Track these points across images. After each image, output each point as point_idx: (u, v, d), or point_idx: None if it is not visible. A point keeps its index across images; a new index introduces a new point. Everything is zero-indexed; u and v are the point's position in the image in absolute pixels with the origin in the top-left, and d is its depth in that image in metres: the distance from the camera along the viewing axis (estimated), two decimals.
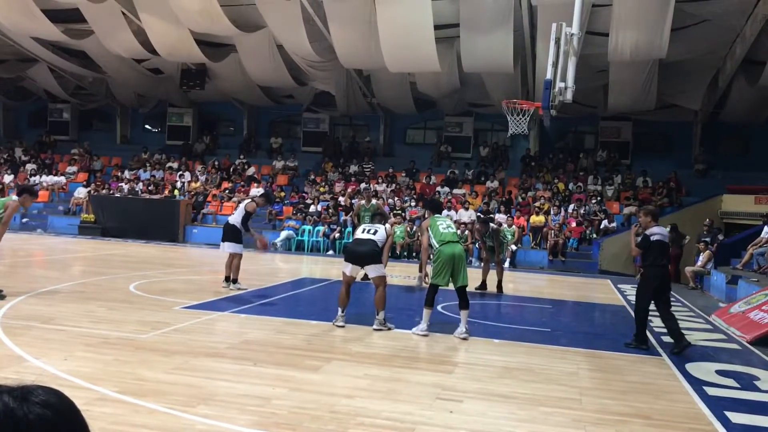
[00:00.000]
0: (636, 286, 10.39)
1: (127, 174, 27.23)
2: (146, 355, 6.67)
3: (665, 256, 8.81)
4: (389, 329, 8.91)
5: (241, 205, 12.22)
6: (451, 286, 8.84)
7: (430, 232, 8.99)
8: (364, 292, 12.13)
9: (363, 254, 9.02)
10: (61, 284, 11.42)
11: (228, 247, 11.83)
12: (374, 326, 8.92)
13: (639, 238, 9.01)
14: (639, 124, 26.15)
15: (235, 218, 11.94)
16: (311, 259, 20.35)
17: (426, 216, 9.78)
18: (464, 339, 8.53)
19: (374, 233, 9.24)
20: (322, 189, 25.56)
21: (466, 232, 20.02)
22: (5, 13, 22.30)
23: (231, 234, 11.84)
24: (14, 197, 10.08)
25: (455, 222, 18.92)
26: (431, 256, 9.05)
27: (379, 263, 9.09)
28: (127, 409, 4.98)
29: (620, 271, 20.41)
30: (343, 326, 8.84)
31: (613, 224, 22.09)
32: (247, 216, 11.87)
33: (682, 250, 19.29)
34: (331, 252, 22.04)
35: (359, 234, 9.39)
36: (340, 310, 9.02)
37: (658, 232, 8.81)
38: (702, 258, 18.04)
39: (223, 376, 6.09)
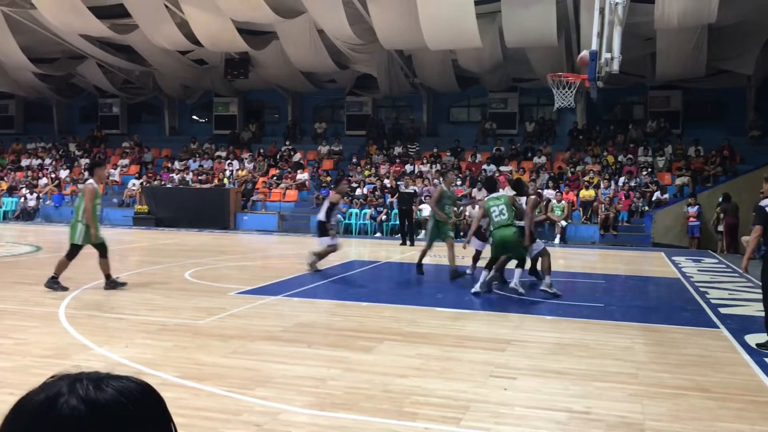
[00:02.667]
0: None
1: (177, 164, 27.76)
2: (204, 341, 6.84)
3: None
4: (555, 294, 9.91)
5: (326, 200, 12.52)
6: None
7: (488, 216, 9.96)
8: (411, 274, 12.18)
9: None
10: (119, 274, 11.75)
11: (319, 242, 12.42)
12: (541, 287, 10.19)
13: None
14: (689, 92, 25.42)
15: (321, 213, 12.31)
16: (359, 241, 20.48)
17: (479, 192, 10.60)
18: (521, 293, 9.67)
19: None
20: (367, 172, 25.62)
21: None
22: (54, 12, 22.86)
23: (319, 230, 12.41)
24: (88, 181, 9.89)
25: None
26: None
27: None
28: (188, 393, 5.13)
29: (674, 243, 20.02)
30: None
31: (666, 196, 21.63)
32: (331, 207, 12.21)
33: (738, 219, 18.80)
34: (378, 234, 22.14)
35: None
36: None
37: None
38: None
39: (279, 359, 6.21)
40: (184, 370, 5.72)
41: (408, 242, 18.89)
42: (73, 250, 9.65)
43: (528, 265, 13.40)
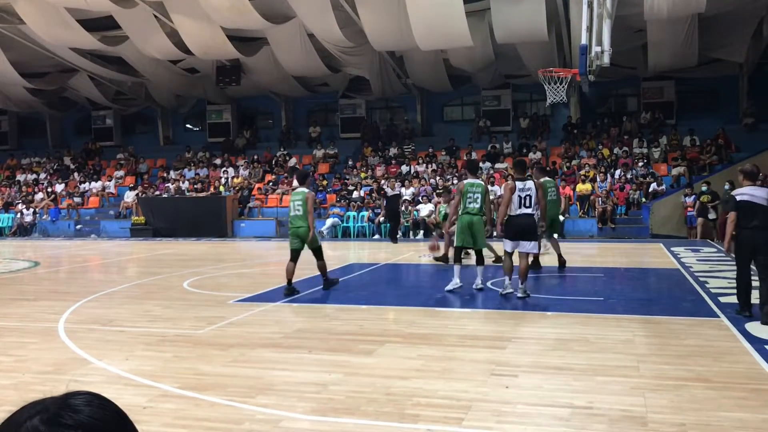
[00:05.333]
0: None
1: (172, 174, 27.73)
2: (204, 350, 6.82)
3: (756, 217, 7.93)
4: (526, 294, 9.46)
5: None
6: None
7: (462, 199, 10.00)
8: (410, 275, 12.18)
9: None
10: (118, 286, 11.75)
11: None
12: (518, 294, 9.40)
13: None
14: (682, 82, 25.48)
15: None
16: (358, 244, 20.47)
17: (463, 178, 10.72)
18: (480, 289, 9.79)
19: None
20: (363, 174, 25.62)
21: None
22: (43, 26, 22.84)
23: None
24: (304, 189, 10.28)
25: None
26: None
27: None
28: (189, 404, 5.11)
29: (672, 234, 20.02)
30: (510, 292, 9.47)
31: (662, 186, 21.65)
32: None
33: None
34: (377, 236, 22.13)
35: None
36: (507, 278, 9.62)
37: (746, 192, 8.04)
38: None
39: (280, 366, 6.19)
40: (184, 380, 5.70)
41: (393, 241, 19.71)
42: (318, 252, 10.38)
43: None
